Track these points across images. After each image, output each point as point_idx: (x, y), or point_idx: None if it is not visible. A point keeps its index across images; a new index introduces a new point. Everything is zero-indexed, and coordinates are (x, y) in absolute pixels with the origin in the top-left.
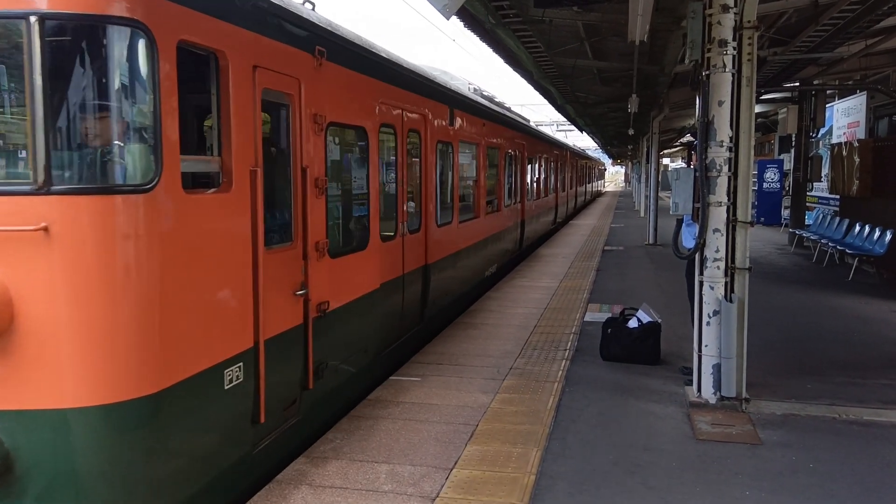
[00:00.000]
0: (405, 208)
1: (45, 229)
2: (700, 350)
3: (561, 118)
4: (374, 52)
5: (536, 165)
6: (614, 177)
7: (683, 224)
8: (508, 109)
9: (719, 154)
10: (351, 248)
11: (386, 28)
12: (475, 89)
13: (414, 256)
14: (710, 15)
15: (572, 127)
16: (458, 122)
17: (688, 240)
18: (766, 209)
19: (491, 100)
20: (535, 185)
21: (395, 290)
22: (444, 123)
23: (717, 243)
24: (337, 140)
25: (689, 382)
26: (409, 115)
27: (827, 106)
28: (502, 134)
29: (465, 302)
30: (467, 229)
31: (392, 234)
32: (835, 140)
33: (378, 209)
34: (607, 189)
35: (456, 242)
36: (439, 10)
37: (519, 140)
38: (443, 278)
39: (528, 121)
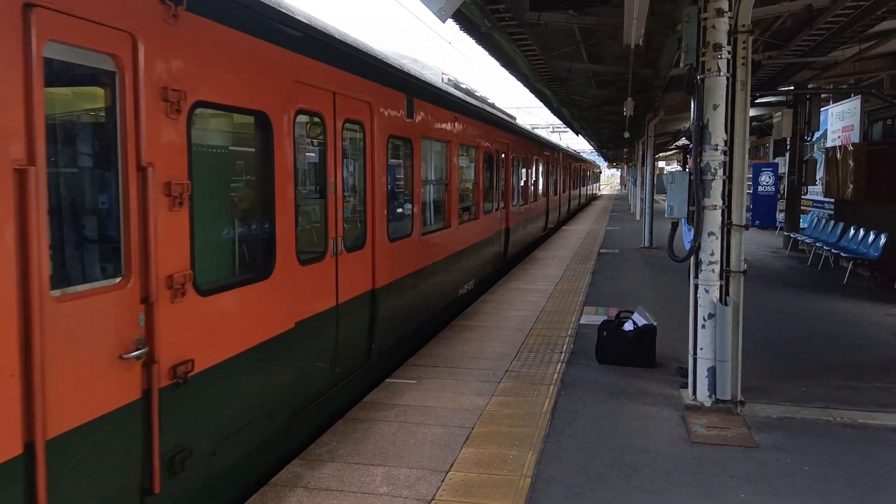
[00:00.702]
0: (339, 220)
1: None
2: (695, 353)
3: (556, 121)
4: (277, 11)
5: (523, 167)
6: (610, 180)
7: (683, 227)
8: (492, 106)
9: (714, 158)
10: (242, 280)
11: (382, 28)
12: (450, 80)
13: (355, 280)
14: (705, 19)
15: (567, 129)
16: (421, 114)
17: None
18: (761, 213)
19: (470, 93)
20: (521, 188)
21: (323, 327)
22: (399, 115)
23: (711, 247)
24: (214, 128)
25: (685, 385)
26: (344, 101)
27: (821, 110)
28: (481, 131)
29: (433, 327)
30: (434, 242)
31: (319, 253)
32: (829, 144)
33: (291, 222)
34: (603, 192)
35: (417, 259)
36: (435, 14)
37: (502, 139)
38: (398, 304)
39: (514, 118)
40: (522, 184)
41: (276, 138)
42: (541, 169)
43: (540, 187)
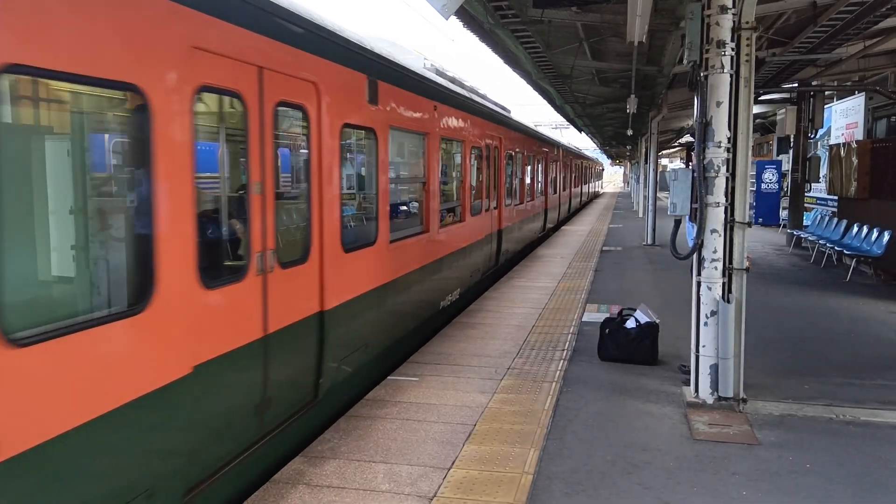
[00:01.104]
0: (269, 229)
1: None
2: (698, 350)
3: (559, 119)
4: None
5: (519, 164)
6: (613, 177)
7: (687, 224)
8: (483, 97)
9: (717, 155)
10: (94, 318)
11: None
12: (432, 66)
13: (294, 302)
14: (709, 16)
15: (569, 125)
16: (389, 100)
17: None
18: (765, 210)
19: (457, 82)
20: (516, 187)
21: (244, 366)
22: (357, 100)
23: (714, 244)
24: (51, 106)
25: (687, 382)
26: (277, 79)
27: (825, 107)
28: (467, 123)
29: (403, 349)
30: (406, 250)
31: (238, 272)
32: (833, 141)
33: (187, 234)
34: (605, 190)
35: (383, 271)
36: (438, 10)
37: (493, 133)
38: (359, 325)
39: (509, 111)
40: (517, 182)
41: (159, 122)
42: (538, 166)
43: (537, 186)
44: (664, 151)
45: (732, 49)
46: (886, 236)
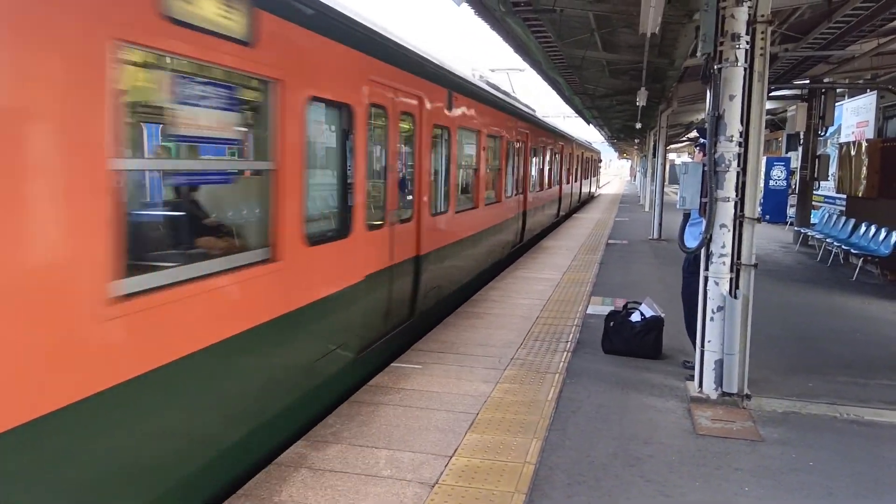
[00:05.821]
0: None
1: None
2: (703, 345)
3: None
4: None
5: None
6: (619, 171)
7: (688, 222)
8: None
9: (729, 149)
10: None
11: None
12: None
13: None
14: (724, 8)
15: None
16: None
17: (689, 239)
18: (772, 207)
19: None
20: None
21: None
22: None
23: (723, 239)
24: None
25: (691, 377)
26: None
27: (836, 105)
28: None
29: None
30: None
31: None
32: (843, 139)
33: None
34: (603, 190)
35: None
36: None
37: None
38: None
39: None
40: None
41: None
42: (487, 150)
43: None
44: (672, 146)
45: (747, 42)
46: (894, 236)
